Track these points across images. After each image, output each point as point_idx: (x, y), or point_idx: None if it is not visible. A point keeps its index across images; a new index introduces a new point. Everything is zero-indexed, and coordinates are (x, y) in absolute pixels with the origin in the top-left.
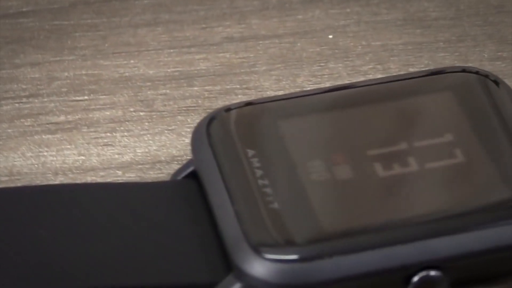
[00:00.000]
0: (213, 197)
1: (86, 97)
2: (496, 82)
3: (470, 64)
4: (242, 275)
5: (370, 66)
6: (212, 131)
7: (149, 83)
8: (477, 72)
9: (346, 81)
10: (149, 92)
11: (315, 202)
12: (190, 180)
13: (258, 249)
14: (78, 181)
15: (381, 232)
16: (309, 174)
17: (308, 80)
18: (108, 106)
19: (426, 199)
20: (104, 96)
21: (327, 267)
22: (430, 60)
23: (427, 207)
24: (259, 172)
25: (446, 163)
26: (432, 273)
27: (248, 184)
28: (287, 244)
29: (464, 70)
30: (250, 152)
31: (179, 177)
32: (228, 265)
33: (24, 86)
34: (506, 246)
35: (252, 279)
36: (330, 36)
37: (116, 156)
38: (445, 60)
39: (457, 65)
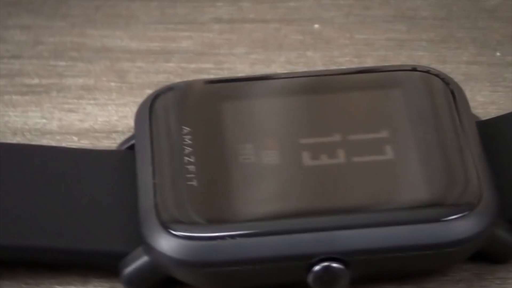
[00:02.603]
0: (139, 169)
1: (64, 63)
2: (449, 84)
3: (446, 66)
4: (149, 249)
5: (347, 59)
6: (155, 106)
7: (128, 55)
8: (428, 72)
9: None
10: (125, 64)
11: (234, 183)
12: (131, 152)
13: (165, 223)
14: (33, 143)
15: (288, 219)
16: (237, 156)
17: (281, 67)
18: (83, 73)
19: (343, 192)
20: (81, 64)
21: (229, 248)
22: (407, 58)
23: (340, 200)
24: (187, 149)
25: (372, 159)
26: (334, 265)
27: (174, 160)
28: (194, 221)
29: (415, 69)
30: (185, 130)
31: (123, 148)
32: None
33: (8, 47)
34: (413, 246)
35: (157, 253)
36: (316, 26)
37: (77, 122)
38: (423, 59)
39: (416, 64)
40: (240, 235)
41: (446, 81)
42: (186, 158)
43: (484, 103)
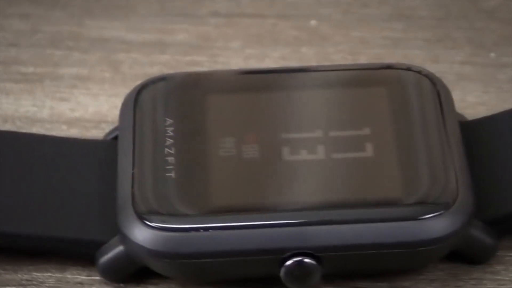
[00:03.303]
0: (120, 159)
1: (60, 52)
2: (435, 84)
3: (440, 65)
4: (124, 239)
5: (341, 56)
6: (141, 97)
7: (124, 46)
8: (419, 72)
9: None
10: (120, 55)
11: (212, 176)
12: (115, 142)
13: (140, 214)
14: (22, 130)
15: (262, 213)
16: (217, 149)
17: (275, 62)
18: (77, 63)
19: (319, 187)
20: (77, 54)
21: (201, 240)
22: (402, 57)
23: (316, 195)
24: (169, 141)
25: (352, 155)
26: (306, 260)
27: (155, 151)
28: (168, 213)
29: (400, 68)
30: (168, 121)
31: (109, 138)
32: None
33: (7, 35)
34: (386, 243)
35: (131, 243)
36: (313, 22)
37: (68, 111)
38: (417, 58)
39: (403, 62)
40: (213, 227)
41: (433, 81)
42: (167, 149)
43: (475, 103)
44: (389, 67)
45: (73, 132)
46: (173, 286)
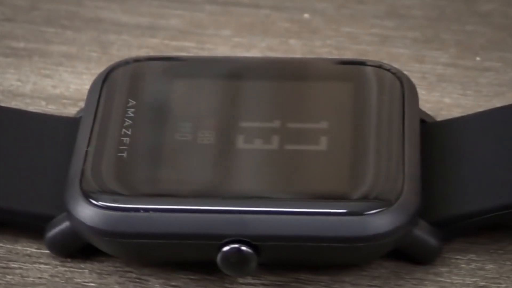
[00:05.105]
0: (79, 137)
1: (53, 30)
2: (402, 82)
3: (423, 65)
4: (69, 214)
5: (326, 50)
6: (109, 78)
7: (116, 28)
8: (389, 70)
9: None
10: (111, 36)
11: (161, 159)
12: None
13: (84, 191)
14: (2, 104)
15: (202, 198)
16: (173, 133)
17: (261, 52)
18: (68, 41)
19: (265, 177)
20: (70, 32)
21: (140, 221)
22: (386, 54)
23: (260, 185)
24: (127, 122)
25: (304, 148)
26: (243, 248)
27: (112, 131)
28: (111, 192)
29: (380, 66)
30: (131, 102)
31: (79, 116)
32: None
33: (5, 10)
34: (323, 237)
35: (74, 219)
36: (305, 15)
37: (49, 88)
38: (402, 57)
39: (374, 59)
40: (153, 209)
41: (400, 79)
42: (124, 130)
43: (450, 105)
44: (356, 62)
45: (51, 109)
46: (118, 264)
